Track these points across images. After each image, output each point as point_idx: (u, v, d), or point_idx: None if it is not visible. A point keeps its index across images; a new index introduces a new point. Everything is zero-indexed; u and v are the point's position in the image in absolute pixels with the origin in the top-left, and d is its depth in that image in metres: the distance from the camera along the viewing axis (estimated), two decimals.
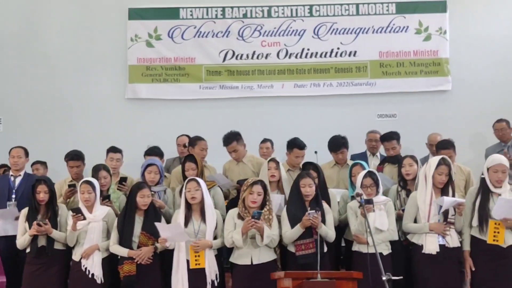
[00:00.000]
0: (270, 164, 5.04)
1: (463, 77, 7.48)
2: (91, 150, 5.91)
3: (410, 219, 4.67)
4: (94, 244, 4.66)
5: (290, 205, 4.70)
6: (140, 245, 4.58)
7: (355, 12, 7.62)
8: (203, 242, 4.53)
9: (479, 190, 4.63)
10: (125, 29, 7.66)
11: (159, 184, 5.10)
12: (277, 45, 7.61)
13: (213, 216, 4.63)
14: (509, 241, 4.50)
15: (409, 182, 4.98)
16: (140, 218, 4.66)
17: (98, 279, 4.60)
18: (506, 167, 4.60)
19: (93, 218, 4.71)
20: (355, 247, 4.68)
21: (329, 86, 7.61)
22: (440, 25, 7.54)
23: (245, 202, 4.54)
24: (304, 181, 4.64)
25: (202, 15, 7.64)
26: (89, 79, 7.65)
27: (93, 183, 4.78)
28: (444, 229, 4.54)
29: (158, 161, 5.26)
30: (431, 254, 4.51)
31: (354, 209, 4.70)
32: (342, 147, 5.57)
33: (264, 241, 4.44)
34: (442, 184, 4.59)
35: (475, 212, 4.56)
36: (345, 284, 3.91)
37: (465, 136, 6.98)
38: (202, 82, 7.62)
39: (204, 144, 5.75)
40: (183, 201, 4.65)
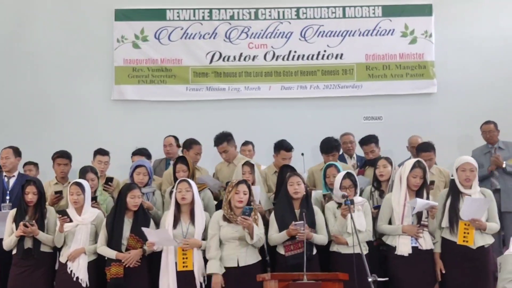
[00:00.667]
0: (245, 168, 5.03)
1: (448, 80, 7.55)
2: (77, 152, 5.87)
3: (384, 221, 4.70)
4: (80, 247, 4.62)
5: (278, 207, 4.70)
6: (129, 247, 4.55)
7: (342, 15, 7.66)
8: (192, 241, 4.51)
9: (449, 192, 4.68)
10: (111, 30, 7.62)
11: (147, 185, 5.07)
12: (264, 47, 7.62)
13: (202, 218, 4.62)
14: (478, 242, 4.55)
15: (382, 183, 5.01)
16: (129, 220, 4.63)
17: (83, 282, 4.56)
18: (474, 166, 4.64)
19: (82, 220, 4.67)
20: (333, 247, 4.67)
21: (316, 89, 7.64)
22: (426, 28, 7.61)
23: (231, 202, 4.52)
24: (292, 179, 4.64)
25: (189, 17, 7.63)
26: (75, 80, 7.60)
27: (83, 184, 4.74)
28: (417, 231, 4.57)
29: (147, 163, 5.24)
30: (403, 256, 4.55)
31: (333, 210, 4.72)
32: (333, 150, 5.59)
33: (254, 239, 4.42)
34: (417, 187, 4.61)
35: (445, 214, 4.60)
36: (331, 286, 3.92)
37: (450, 139, 7.05)
38: (189, 83, 7.60)
39: (199, 149, 5.73)
40: (173, 202, 4.63)
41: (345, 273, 4.06)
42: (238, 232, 4.47)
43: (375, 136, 5.90)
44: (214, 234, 4.51)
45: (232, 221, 4.48)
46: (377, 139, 5.88)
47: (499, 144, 6.34)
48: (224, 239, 4.50)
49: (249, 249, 4.50)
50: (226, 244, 4.50)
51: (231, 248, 4.48)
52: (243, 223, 4.38)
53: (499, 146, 6.33)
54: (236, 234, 4.47)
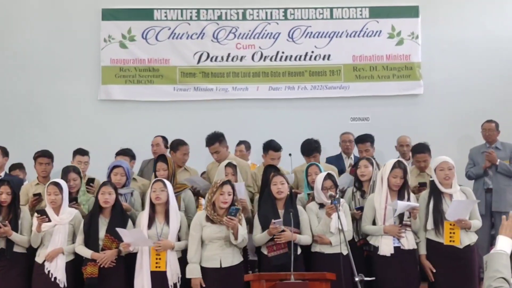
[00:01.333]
0: (227, 169, 5.01)
1: (434, 81, 7.61)
2: (64, 152, 5.83)
3: (368, 221, 4.72)
4: (58, 247, 4.57)
5: (261, 207, 4.69)
6: (104, 247, 4.52)
7: (329, 16, 7.68)
8: (164, 243, 4.48)
9: (430, 193, 4.70)
10: (98, 29, 7.58)
11: (125, 186, 5.03)
12: (252, 47, 7.62)
13: (177, 219, 4.58)
14: (465, 242, 4.59)
15: (364, 184, 5.02)
16: (106, 220, 4.60)
17: (61, 283, 4.52)
18: (452, 164, 4.68)
19: (60, 220, 4.62)
20: (315, 248, 4.66)
21: (304, 89, 7.66)
22: (412, 30, 7.66)
23: (216, 203, 4.49)
24: (275, 179, 4.63)
25: (177, 17, 7.61)
26: (61, 80, 7.55)
27: (61, 184, 4.69)
28: (399, 231, 4.59)
29: (124, 163, 5.16)
30: (386, 256, 4.57)
31: (315, 210, 4.72)
32: (314, 152, 5.60)
33: (238, 240, 4.40)
34: (397, 187, 4.63)
35: (429, 215, 4.62)
36: (318, 285, 3.94)
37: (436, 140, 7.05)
38: (176, 83, 7.58)
39: (186, 149, 5.67)
40: (147, 202, 4.60)
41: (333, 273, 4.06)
42: (221, 232, 4.45)
43: (371, 136, 5.93)
44: (195, 235, 4.47)
45: (216, 222, 4.46)
46: (373, 138, 5.91)
47: (497, 144, 6.39)
48: (207, 240, 4.47)
49: (232, 250, 4.48)
50: (209, 245, 4.47)
51: (214, 249, 4.45)
52: (229, 223, 4.36)
53: (496, 146, 6.37)
54: (219, 235, 4.45)
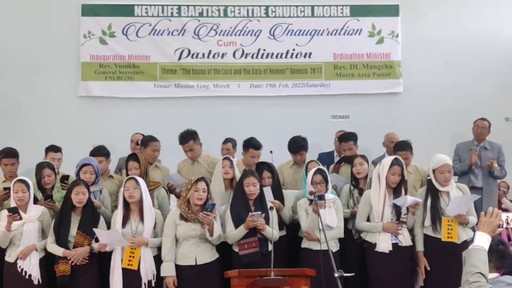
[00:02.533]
0: (225, 162, 5.03)
1: (414, 79, 7.68)
2: (42, 149, 5.75)
3: (363, 218, 4.75)
4: (31, 245, 4.52)
5: (233, 205, 4.68)
6: (76, 245, 4.48)
7: (311, 14, 7.71)
8: (138, 239, 4.45)
9: (427, 191, 4.77)
10: (78, 25, 7.50)
11: (95, 184, 4.97)
12: (233, 44, 7.61)
13: (152, 216, 4.55)
14: (462, 237, 4.66)
15: (360, 181, 5.07)
16: (77, 218, 4.56)
17: (36, 280, 4.47)
18: (451, 166, 4.77)
19: (28, 218, 4.56)
20: (304, 244, 4.71)
21: (285, 87, 7.67)
22: (393, 29, 7.72)
23: (190, 200, 4.46)
24: (248, 180, 4.62)
25: (158, 13, 7.56)
26: (40, 76, 7.46)
27: (27, 182, 4.63)
28: (397, 228, 4.64)
29: (93, 161, 5.09)
30: (383, 253, 4.60)
31: (305, 207, 4.75)
32: (301, 149, 5.61)
33: (214, 236, 4.39)
34: (395, 184, 4.69)
35: (426, 212, 4.68)
36: (298, 282, 3.95)
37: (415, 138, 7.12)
38: (157, 80, 7.54)
39: (156, 145, 5.62)
40: (120, 200, 4.57)
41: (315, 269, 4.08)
42: (195, 230, 4.43)
43: (354, 134, 5.96)
44: (169, 233, 4.45)
45: (190, 220, 4.44)
46: (357, 137, 5.95)
47: (485, 144, 6.44)
48: (182, 238, 4.44)
49: (206, 247, 4.46)
50: (183, 243, 4.45)
51: (189, 246, 4.43)
52: (205, 219, 4.35)
53: (485, 146, 6.42)
54: (194, 232, 4.43)
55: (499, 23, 7.80)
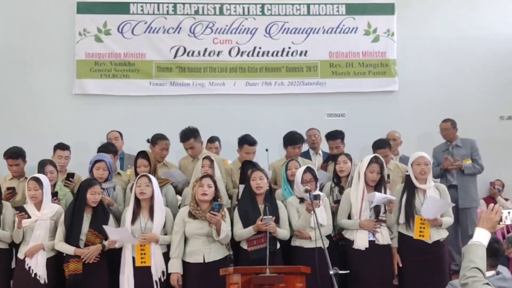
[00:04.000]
0: (204, 161, 5.04)
1: (409, 78, 7.70)
2: (37, 147, 5.77)
3: (344, 215, 4.77)
4: (39, 243, 4.52)
5: (241, 202, 4.70)
6: (88, 243, 4.48)
7: (306, 12, 7.71)
8: (149, 235, 4.47)
9: (404, 188, 4.79)
10: (73, 23, 7.46)
11: (108, 180, 4.99)
12: (229, 42, 7.60)
13: (162, 214, 4.57)
14: (434, 237, 4.68)
15: (342, 179, 5.08)
16: (88, 216, 4.56)
17: (42, 279, 4.47)
18: (428, 160, 4.78)
19: (41, 216, 4.56)
20: (295, 242, 4.71)
21: (280, 85, 7.67)
22: (388, 27, 7.73)
23: (196, 197, 4.49)
24: (255, 174, 4.64)
25: (153, 11, 7.54)
26: (35, 74, 7.42)
27: (41, 179, 4.62)
28: (374, 226, 4.65)
29: (107, 157, 5.13)
30: (360, 250, 4.63)
31: (295, 205, 4.75)
32: (298, 142, 5.64)
33: (221, 236, 4.40)
34: (374, 182, 4.70)
35: (401, 209, 4.70)
36: (293, 279, 3.95)
37: (411, 136, 7.18)
38: (153, 78, 7.52)
39: (164, 144, 5.66)
40: (132, 197, 4.58)
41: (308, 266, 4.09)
42: (204, 228, 4.45)
43: (341, 132, 5.97)
44: (178, 231, 4.48)
45: (198, 217, 4.46)
46: (344, 135, 5.96)
47: (457, 141, 6.47)
48: (190, 235, 4.47)
49: (215, 245, 4.48)
50: (192, 240, 4.48)
51: (197, 244, 4.45)
52: (212, 219, 4.36)
53: (456, 144, 6.45)
54: (202, 230, 4.45)
55: (494, 21, 7.83)
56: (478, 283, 2.52)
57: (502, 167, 6.78)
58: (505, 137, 7.56)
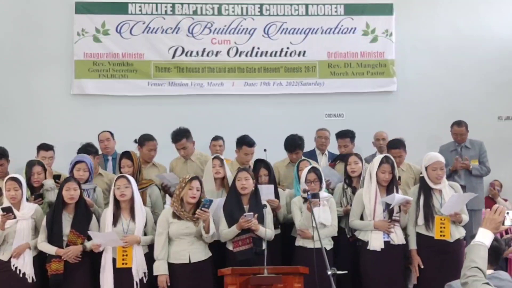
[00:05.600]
0: (215, 161, 5.02)
1: (408, 78, 7.70)
2: (35, 148, 5.73)
3: (356, 216, 4.77)
4: (24, 243, 4.50)
5: (227, 202, 4.68)
6: (69, 243, 4.47)
7: (305, 13, 7.71)
8: (130, 238, 4.45)
9: (420, 189, 4.78)
10: (71, 23, 7.46)
11: (88, 182, 4.96)
12: (227, 43, 7.60)
13: (143, 214, 4.54)
14: (455, 235, 4.69)
15: (354, 180, 5.08)
16: (69, 216, 4.54)
17: (30, 278, 4.46)
18: (444, 163, 4.78)
19: (22, 216, 4.54)
20: (298, 242, 4.72)
21: (279, 85, 7.67)
22: (387, 27, 7.73)
23: (184, 198, 4.45)
24: (240, 175, 4.63)
25: (152, 11, 7.54)
26: (34, 74, 7.42)
27: (19, 179, 4.60)
28: (389, 226, 4.65)
29: (87, 158, 5.08)
30: (375, 251, 4.62)
31: (299, 205, 4.75)
32: (297, 148, 5.62)
33: (210, 232, 4.38)
34: (386, 182, 4.70)
35: (420, 210, 4.70)
36: (291, 279, 3.96)
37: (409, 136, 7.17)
38: (151, 78, 7.52)
39: (152, 145, 5.63)
40: (111, 199, 4.55)
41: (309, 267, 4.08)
42: (188, 228, 4.43)
43: (352, 132, 5.97)
44: (162, 232, 4.44)
45: (183, 218, 4.43)
46: (354, 135, 5.93)
47: (466, 143, 6.41)
48: (175, 236, 4.44)
49: (200, 245, 4.46)
50: (176, 241, 4.44)
51: (182, 245, 4.42)
52: (202, 216, 4.33)
53: (465, 145, 6.40)
54: (187, 231, 4.42)
55: (492, 21, 7.83)
56: (477, 283, 2.53)
57: (500, 167, 6.77)
58: (503, 137, 7.56)
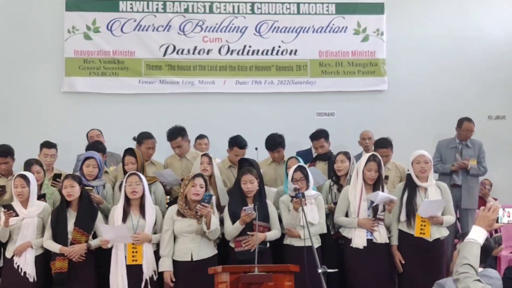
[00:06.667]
0: (203, 158, 5.02)
1: (398, 77, 7.73)
2: (25, 146, 5.72)
3: (341, 213, 4.78)
4: (26, 241, 4.48)
5: (231, 202, 4.70)
6: (73, 241, 4.45)
7: (296, 11, 7.71)
8: (143, 235, 4.46)
9: (405, 186, 4.81)
10: (62, 20, 7.42)
11: (97, 178, 4.95)
12: (218, 41, 7.59)
13: (153, 212, 4.56)
14: (435, 235, 4.70)
15: (341, 178, 5.09)
16: (73, 213, 4.53)
17: (31, 277, 4.44)
18: (428, 158, 4.79)
19: (28, 213, 4.53)
20: (286, 240, 4.72)
21: (270, 84, 7.67)
22: (378, 27, 7.75)
23: (188, 196, 4.47)
24: (245, 178, 4.64)
25: (143, 9, 7.51)
26: (23, 72, 7.37)
27: (28, 177, 4.59)
28: (372, 224, 4.66)
29: (96, 155, 5.09)
30: (358, 248, 4.64)
31: (286, 203, 4.75)
32: (278, 147, 5.62)
33: (211, 228, 4.38)
34: (372, 180, 4.71)
35: (402, 207, 4.72)
36: (282, 278, 3.95)
37: (400, 135, 7.20)
38: (142, 76, 7.49)
39: (151, 143, 5.62)
40: (122, 195, 4.55)
41: (298, 265, 4.09)
42: (192, 226, 4.44)
43: (324, 131, 5.95)
44: (167, 229, 4.47)
45: (187, 215, 4.45)
46: (327, 134, 5.94)
47: (467, 141, 6.40)
48: (178, 233, 4.47)
49: (204, 243, 4.47)
50: (181, 238, 4.47)
51: (185, 242, 4.44)
52: (202, 211, 4.34)
53: (466, 144, 6.38)
54: (190, 228, 4.44)
55: (484, 21, 7.88)
56: (468, 279, 2.55)
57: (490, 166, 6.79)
58: (493, 137, 7.59)
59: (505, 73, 7.79)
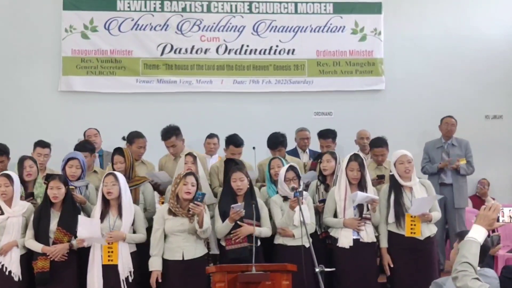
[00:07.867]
0: (187, 158, 4.99)
1: (396, 77, 7.74)
2: (22, 145, 5.70)
3: (329, 214, 4.79)
4: (12, 241, 4.46)
5: (222, 200, 4.68)
6: (56, 241, 4.42)
7: (294, 11, 7.71)
8: (115, 233, 4.41)
9: (390, 187, 4.80)
10: (59, 19, 7.41)
11: (80, 179, 4.92)
12: (216, 40, 7.59)
13: (131, 212, 4.50)
14: (425, 233, 4.71)
15: (328, 178, 5.07)
16: (57, 213, 4.50)
17: (16, 276, 4.41)
18: (411, 157, 4.79)
19: (12, 213, 4.50)
20: (278, 240, 4.70)
21: (268, 83, 7.67)
22: (375, 26, 7.76)
23: (179, 194, 4.45)
24: (235, 176, 4.62)
25: (140, 8, 7.51)
26: (21, 71, 7.36)
27: (12, 176, 4.56)
28: (358, 224, 4.66)
29: (80, 155, 5.03)
30: (345, 248, 4.64)
31: (279, 203, 4.75)
32: (279, 146, 5.63)
33: (204, 227, 4.36)
34: (356, 180, 4.70)
35: (390, 209, 4.72)
36: (279, 277, 3.95)
37: (397, 134, 7.21)
38: (139, 75, 7.49)
39: (142, 142, 5.59)
40: (99, 196, 4.52)
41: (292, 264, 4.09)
42: (183, 225, 4.41)
43: (333, 131, 5.97)
44: (158, 228, 4.43)
45: (178, 214, 4.42)
46: (335, 134, 5.94)
47: (453, 140, 6.45)
48: (169, 232, 4.43)
49: (195, 242, 4.44)
50: (171, 237, 4.43)
51: (176, 241, 4.41)
52: (195, 209, 4.32)
53: (452, 143, 6.44)
54: (181, 227, 4.41)
55: (481, 21, 7.88)
56: (467, 278, 2.55)
57: (487, 166, 6.83)
58: (490, 136, 7.62)
59: (502, 73, 7.80)
